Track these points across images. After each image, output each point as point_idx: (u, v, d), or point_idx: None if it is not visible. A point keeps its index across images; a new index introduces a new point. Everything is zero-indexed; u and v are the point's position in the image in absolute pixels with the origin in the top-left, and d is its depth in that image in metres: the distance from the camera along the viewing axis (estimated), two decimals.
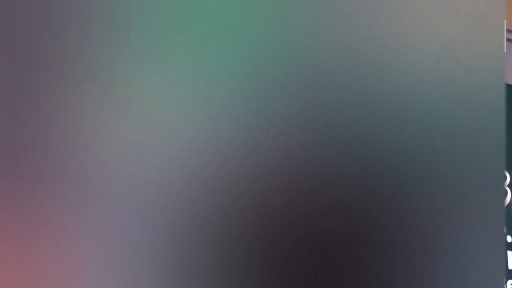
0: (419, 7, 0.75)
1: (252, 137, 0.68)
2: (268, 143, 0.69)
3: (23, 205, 0.61)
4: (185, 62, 0.67)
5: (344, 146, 0.71)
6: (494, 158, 0.78)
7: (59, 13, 0.63)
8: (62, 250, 0.62)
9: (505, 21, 0.76)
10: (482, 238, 0.76)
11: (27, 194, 0.61)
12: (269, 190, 0.68)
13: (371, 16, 0.73)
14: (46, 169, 0.62)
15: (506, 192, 1.37)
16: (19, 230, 0.61)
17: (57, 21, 0.63)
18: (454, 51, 0.76)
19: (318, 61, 0.71)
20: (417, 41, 0.75)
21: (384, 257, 0.72)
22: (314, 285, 0.69)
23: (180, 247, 0.65)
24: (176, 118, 0.66)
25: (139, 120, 0.65)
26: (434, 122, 0.75)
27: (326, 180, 0.70)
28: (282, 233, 0.68)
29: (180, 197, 0.65)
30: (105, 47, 0.64)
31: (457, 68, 0.76)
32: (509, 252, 1.33)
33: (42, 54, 0.62)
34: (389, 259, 0.72)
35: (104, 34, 0.64)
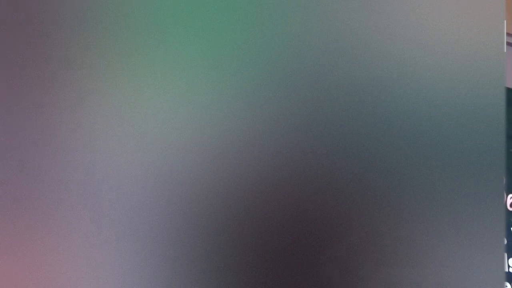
0: (418, 8, 0.75)
1: (251, 137, 0.68)
2: (267, 143, 0.69)
3: (22, 205, 0.61)
4: (185, 62, 0.67)
5: (343, 147, 0.71)
6: (494, 158, 0.78)
7: (60, 13, 0.63)
8: (62, 251, 0.62)
9: (505, 21, 0.76)
10: (481, 239, 0.76)
11: (27, 193, 0.61)
12: (268, 190, 0.68)
13: (371, 16, 0.73)
14: (45, 169, 0.62)
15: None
16: (18, 230, 0.61)
17: (58, 21, 0.63)
18: (453, 52, 0.76)
19: (318, 61, 0.71)
20: (416, 41, 0.75)
21: (382, 258, 0.72)
22: (314, 285, 0.69)
23: (181, 248, 0.65)
24: (175, 118, 0.66)
25: (139, 120, 0.65)
26: (433, 122, 0.75)
27: (325, 180, 0.70)
28: (283, 233, 0.68)
29: (180, 197, 0.65)
30: (104, 48, 0.65)
31: (456, 68, 0.76)
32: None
33: (41, 54, 0.63)
34: (388, 260, 0.72)
35: (104, 34, 0.65)
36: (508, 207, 1.73)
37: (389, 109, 0.73)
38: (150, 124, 0.65)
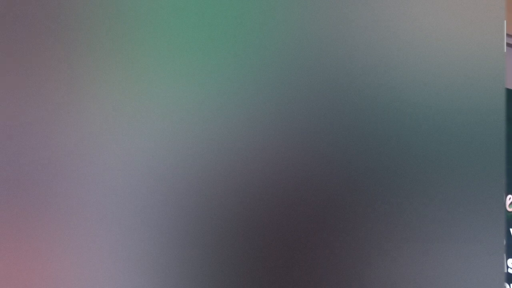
0: (418, 8, 0.75)
1: (250, 137, 0.68)
2: (266, 143, 0.69)
3: (22, 205, 0.61)
4: (184, 62, 0.67)
5: (341, 148, 0.71)
6: (494, 158, 0.78)
7: (59, 13, 0.63)
8: (61, 251, 0.62)
9: (505, 21, 0.76)
10: (481, 239, 0.76)
11: (26, 193, 0.61)
12: (267, 190, 0.68)
13: (370, 16, 0.73)
14: (45, 169, 0.62)
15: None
16: (18, 230, 0.61)
17: (58, 21, 0.63)
18: (453, 52, 0.76)
19: (317, 60, 0.71)
20: (416, 41, 0.75)
21: (381, 258, 0.72)
22: (313, 285, 0.69)
23: (179, 248, 0.65)
24: (174, 117, 0.66)
25: (139, 120, 0.65)
26: (433, 123, 0.75)
27: (323, 179, 0.70)
28: (281, 232, 0.68)
29: (179, 198, 0.65)
30: (104, 47, 0.65)
31: (456, 68, 0.76)
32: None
33: (41, 55, 0.63)
34: (387, 260, 0.72)
35: (103, 35, 0.65)
36: (507, 208, 1.73)
37: (389, 109, 0.73)
38: (149, 123, 0.65)
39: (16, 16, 0.62)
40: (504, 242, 0.79)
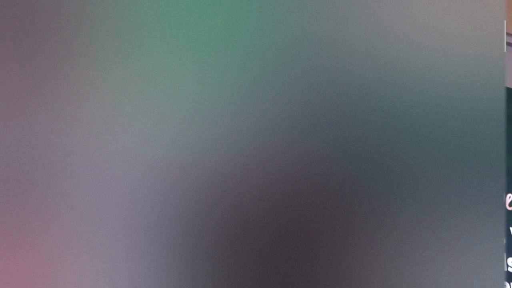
0: (419, 8, 0.75)
1: (250, 137, 0.68)
2: (266, 143, 0.69)
3: (22, 205, 0.61)
4: (184, 62, 0.67)
5: (341, 147, 0.71)
6: (494, 158, 0.78)
7: (59, 13, 0.63)
8: (62, 251, 0.62)
9: (505, 21, 0.76)
10: (481, 238, 0.76)
11: (26, 193, 0.61)
12: (267, 190, 0.68)
13: (371, 16, 0.73)
14: (45, 169, 0.62)
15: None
16: (18, 230, 0.61)
17: (58, 21, 0.63)
18: (453, 52, 0.76)
19: (316, 60, 0.71)
20: (416, 41, 0.75)
21: (381, 257, 0.72)
22: (313, 285, 0.69)
23: (179, 248, 0.65)
24: (175, 118, 0.66)
25: (139, 120, 0.65)
26: (433, 122, 0.75)
27: (322, 179, 0.70)
28: (280, 232, 0.68)
29: (179, 198, 0.65)
30: (103, 48, 0.65)
31: (456, 68, 0.76)
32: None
33: (41, 55, 0.63)
34: (387, 260, 0.72)
35: (103, 35, 0.65)
36: (507, 207, 1.73)
37: (389, 109, 0.73)
38: (149, 123, 0.65)
39: (16, 16, 0.62)
40: (504, 241, 0.79)
